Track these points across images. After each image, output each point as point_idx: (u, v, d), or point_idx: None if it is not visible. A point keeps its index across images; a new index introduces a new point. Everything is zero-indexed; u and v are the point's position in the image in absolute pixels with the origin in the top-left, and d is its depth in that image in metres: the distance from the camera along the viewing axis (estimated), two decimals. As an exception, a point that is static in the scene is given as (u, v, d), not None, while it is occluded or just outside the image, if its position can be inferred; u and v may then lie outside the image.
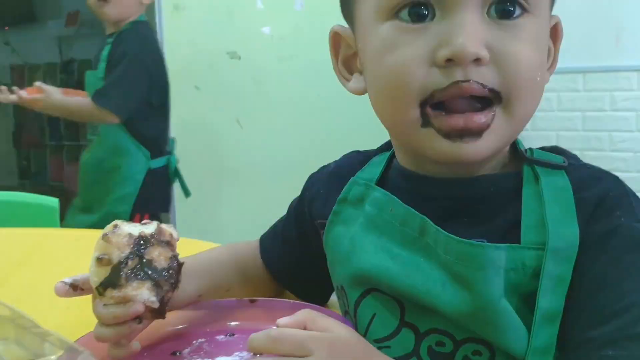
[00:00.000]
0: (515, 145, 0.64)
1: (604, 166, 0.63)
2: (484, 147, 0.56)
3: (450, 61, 0.54)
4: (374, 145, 0.76)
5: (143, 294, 0.58)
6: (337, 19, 0.68)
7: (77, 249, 1.18)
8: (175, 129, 2.82)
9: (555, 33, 0.63)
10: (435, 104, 0.56)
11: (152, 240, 0.59)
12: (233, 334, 0.69)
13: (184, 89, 2.79)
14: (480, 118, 0.55)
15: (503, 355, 0.56)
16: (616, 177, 0.61)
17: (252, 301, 0.73)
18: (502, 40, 0.55)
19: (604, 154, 2.65)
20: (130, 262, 0.57)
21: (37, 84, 2.07)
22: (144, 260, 0.58)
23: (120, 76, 2.06)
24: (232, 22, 2.78)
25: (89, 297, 0.62)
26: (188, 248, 0.63)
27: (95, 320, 0.61)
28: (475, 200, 0.61)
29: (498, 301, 0.55)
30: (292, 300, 0.78)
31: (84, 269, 1.09)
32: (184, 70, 2.78)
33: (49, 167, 5.35)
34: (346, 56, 0.67)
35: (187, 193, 2.34)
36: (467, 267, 0.56)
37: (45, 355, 0.46)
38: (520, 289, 0.55)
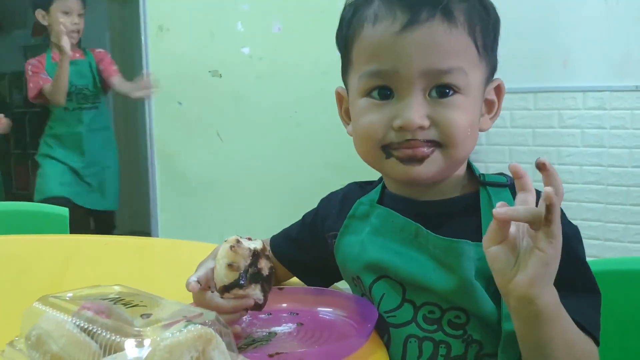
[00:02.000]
0: (472, 171, 0.87)
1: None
2: (424, 171, 0.79)
3: (401, 128, 0.77)
4: (344, 157, 0.93)
5: (257, 293, 0.77)
6: (311, 42, 0.80)
7: (109, 252, 1.32)
8: (159, 141, 2.95)
9: (498, 91, 0.86)
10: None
11: (260, 253, 0.79)
12: (270, 314, 0.88)
13: (167, 104, 2.91)
14: (424, 150, 0.78)
15: (476, 318, 0.79)
16: None
17: (280, 288, 0.92)
18: (439, 112, 0.77)
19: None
20: (250, 270, 0.77)
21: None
22: (257, 268, 0.78)
23: None
24: (214, 43, 2.87)
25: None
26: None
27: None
28: (443, 217, 0.83)
29: (472, 280, 0.77)
30: (312, 287, 0.97)
31: (122, 270, 1.23)
32: (167, 86, 2.86)
33: (14, 176, 5.33)
34: (345, 108, 0.91)
35: None
36: (450, 257, 0.79)
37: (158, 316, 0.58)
38: (486, 273, 0.76)
